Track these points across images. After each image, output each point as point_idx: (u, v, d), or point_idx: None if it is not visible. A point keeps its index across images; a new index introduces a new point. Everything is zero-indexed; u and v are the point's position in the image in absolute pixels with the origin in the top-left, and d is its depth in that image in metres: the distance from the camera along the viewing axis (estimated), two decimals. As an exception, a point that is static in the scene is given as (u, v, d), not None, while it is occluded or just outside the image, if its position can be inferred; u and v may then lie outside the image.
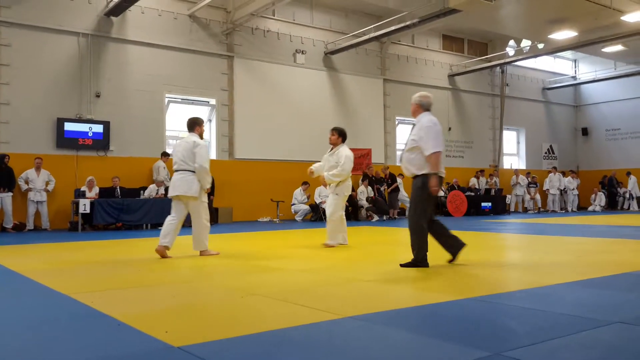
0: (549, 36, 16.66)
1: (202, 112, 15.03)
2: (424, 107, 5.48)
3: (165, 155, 13.21)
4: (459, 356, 2.42)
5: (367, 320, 3.14)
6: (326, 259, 5.98)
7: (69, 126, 12.55)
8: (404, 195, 16.05)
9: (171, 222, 6.46)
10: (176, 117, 14.69)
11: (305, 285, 4.28)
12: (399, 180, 16.00)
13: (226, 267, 5.55)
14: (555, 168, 20.37)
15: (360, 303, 3.61)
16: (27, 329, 3.03)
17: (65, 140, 12.51)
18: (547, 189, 19.70)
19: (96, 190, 11.99)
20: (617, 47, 17.77)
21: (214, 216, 13.79)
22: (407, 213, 5.63)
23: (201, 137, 6.70)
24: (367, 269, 5.31)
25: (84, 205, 11.16)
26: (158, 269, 5.49)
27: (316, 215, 14.77)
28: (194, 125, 6.68)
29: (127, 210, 11.65)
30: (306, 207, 14.97)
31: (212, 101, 14.84)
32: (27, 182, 11.78)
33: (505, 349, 2.50)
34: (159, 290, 4.28)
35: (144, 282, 4.73)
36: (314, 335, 2.87)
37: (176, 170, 6.49)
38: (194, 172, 6.37)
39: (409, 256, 5.30)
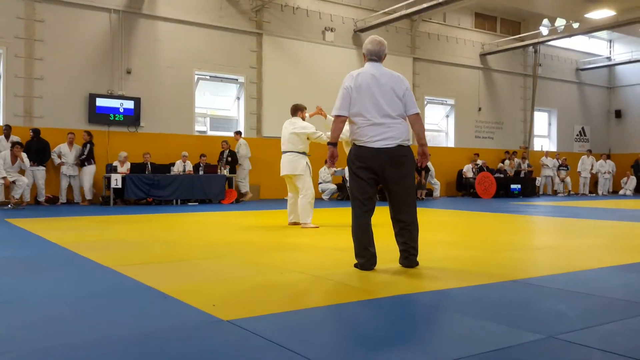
0: (585, 15, 16.19)
1: (230, 89, 15.05)
2: (364, 56, 4.25)
3: (238, 133, 13.89)
4: (512, 338, 2.38)
5: (410, 301, 3.11)
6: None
7: (100, 102, 12.66)
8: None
9: (289, 201, 7.36)
10: (205, 95, 14.74)
11: (340, 263, 4.27)
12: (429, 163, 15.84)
13: (258, 244, 5.57)
14: (590, 151, 19.92)
15: (401, 284, 3.59)
16: (75, 302, 3.07)
17: (97, 116, 12.65)
18: (580, 172, 19.33)
19: (128, 165, 12.13)
20: (657, 27, 17.23)
21: (248, 194, 13.92)
22: None
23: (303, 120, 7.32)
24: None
25: (116, 180, 11.31)
26: (194, 245, 5.53)
27: (343, 194, 14.74)
28: (297, 110, 7.32)
29: (158, 185, 11.78)
30: (333, 186, 14.94)
31: (241, 79, 14.82)
32: (59, 157, 11.96)
33: (557, 332, 2.45)
34: (196, 265, 4.32)
35: (181, 256, 4.77)
36: (357, 313, 2.86)
37: (283, 152, 7.21)
38: (299, 152, 7.09)
39: (436, 235, 5.25)
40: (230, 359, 2.12)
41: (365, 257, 3.98)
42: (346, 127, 5.61)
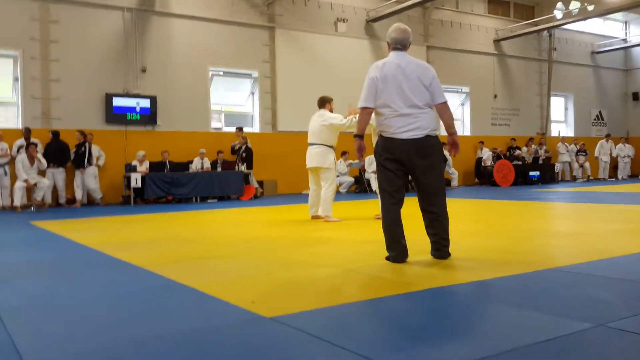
0: (601, -3, 15.93)
1: (244, 84, 15.03)
2: (389, 45, 4.16)
3: (239, 129, 13.64)
4: (562, 328, 2.33)
5: (449, 293, 3.08)
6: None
7: (117, 101, 12.71)
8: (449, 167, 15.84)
9: (311, 193, 7.31)
10: (220, 91, 14.74)
11: (370, 256, 4.23)
12: (445, 152, 15.73)
13: (284, 239, 5.55)
14: (609, 135, 19.63)
15: (437, 276, 3.55)
16: (113, 303, 3.08)
17: (114, 116, 12.69)
18: (598, 157, 19.07)
19: (147, 164, 12.17)
20: (675, 6, 16.89)
21: (259, 189, 13.92)
22: None
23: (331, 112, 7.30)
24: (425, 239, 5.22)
25: (136, 180, 11.36)
26: (219, 242, 5.54)
27: (360, 187, 14.70)
28: (324, 102, 7.30)
29: (177, 183, 11.82)
30: (350, 178, 14.90)
31: (255, 73, 14.79)
32: (79, 158, 12.02)
33: (606, 320, 2.41)
34: (227, 262, 4.31)
35: (210, 254, 4.78)
36: (398, 306, 2.83)
37: (310, 144, 7.17)
38: (327, 145, 7.06)
39: (461, 225, 5.19)
40: (281, 356, 2.10)
41: (397, 249, 3.95)
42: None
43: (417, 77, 3.94)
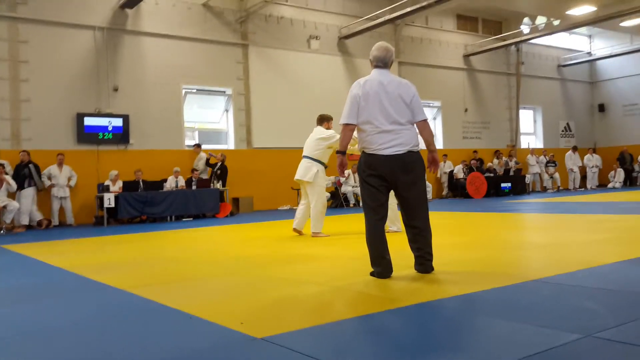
0: (566, 12, 16.41)
1: (218, 102, 14.99)
2: (371, 62, 4.21)
3: (198, 146, 13.76)
4: (552, 340, 2.36)
5: (437, 307, 3.09)
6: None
7: (88, 121, 12.53)
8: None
9: (299, 207, 7.41)
10: (193, 108, 14.67)
11: (355, 272, 4.23)
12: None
13: (267, 257, 5.52)
14: (575, 148, 20.09)
15: (423, 291, 3.57)
16: (99, 327, 3.00)
17: (86, 135, 12.50)
18: (571, 168, 19.45)
19: (120, 184, 11.99)
20: (637, 21, 17.48)
21: (235, 206, 13.85)
22: None
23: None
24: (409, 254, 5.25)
25: (109, 200, 11.18)
26: (201, 262, 5.47)
27: (337, 201, 14.73)
28: (322, 120, 7.33)
29: (151, 202, 11.67)
30: (327, 193, 14.90)
31: (229, 91, 14.77)
32: (49, 179, 11.79)
33: (594, 331, 2.45)
34: (211, 283, 4.27)
35: (193, 274, 4.71)
36: (388, 323, 2.84)
37: (302, 157, 7.28)
38: (313, 159, 7.11)
39: (441, 238, 5.24)
40: (277, 378, 2.08)
41: (382, 265, 3.96)
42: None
43: (399, 94, 3.99)
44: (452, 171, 17.66)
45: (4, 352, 2.59)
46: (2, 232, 10.29)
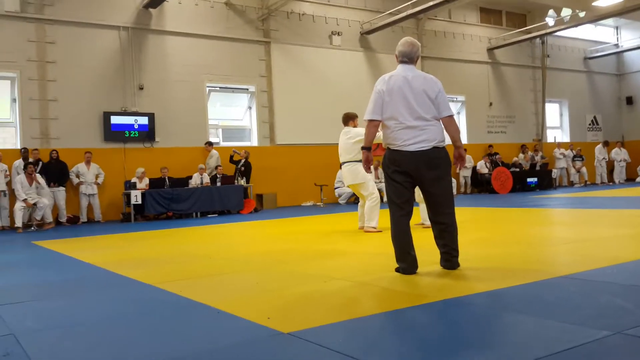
0: (593, 3, 16.10)
1: (241, 99, 15.09)
2: (397, 58, 4.17)
3: (209, 144, 13.62)
4: (581, 336, 2.35)
5: (465, 304, 3.09)
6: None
7: (115, 119, 12.73)
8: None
9: (359, 207, 7.42)
10: (217, 106, 14.79)
11: (381, 268, 4.24)
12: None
13: (292, 253, 5.56)
14: (606, 142, 19.70)
15: (450, 287, 3.56)
16: (129, 322, 3.07)
17: (112, 134, 12.71)
18: (605, 159, 19.11)
19: (146, 181, 12.18)
20: (666, 11, 17.07)
21: (259, 203, 13.94)
22: None
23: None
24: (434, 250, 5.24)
25: (136, 197, 11.36)
26: (227, 258, 5.54)
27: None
28: (348, 119, 7.29)
29: (177, 199, 11.83)
30: (350, 189, 14.89)
31: (252, 88, 14.86)
32: (78, 176, 12.03)
33: (624, 328, 2.42)
34: (238, 278, 4.32)
35: (219, 270, 4.77)
36: (416, 319, 2.85)
37: (342, 163, 7.26)
38: (356, 161, 7.02)
39: (466, 234, 5.20)
40: (306, 373, 2.11)
41: (407, 261, 3.96)
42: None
43: (423, 90, 3.97)
44: (474, 167, 17.49)
45: (41, 346, 2.67)
46: (33, 228, 10.53)
